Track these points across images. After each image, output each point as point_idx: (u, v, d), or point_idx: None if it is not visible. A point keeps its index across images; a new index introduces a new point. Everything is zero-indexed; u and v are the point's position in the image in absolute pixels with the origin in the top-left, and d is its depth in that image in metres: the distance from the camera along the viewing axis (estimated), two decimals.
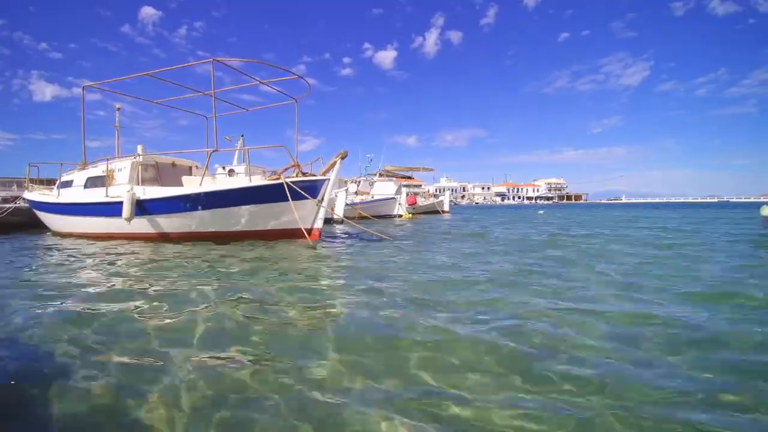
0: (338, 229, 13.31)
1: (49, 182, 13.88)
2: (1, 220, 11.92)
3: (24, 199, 12.47)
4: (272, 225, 8.42)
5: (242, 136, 13.52)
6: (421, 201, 29.74)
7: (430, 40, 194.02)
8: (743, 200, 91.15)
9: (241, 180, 8.59)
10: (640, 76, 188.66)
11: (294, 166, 8.32)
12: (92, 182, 9.76)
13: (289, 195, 7.76)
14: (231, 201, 8.16)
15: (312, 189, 8.02)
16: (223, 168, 15.87)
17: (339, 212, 15.69)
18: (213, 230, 8.48)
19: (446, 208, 29.57)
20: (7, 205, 12.67)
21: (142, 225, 8.73)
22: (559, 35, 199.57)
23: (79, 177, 10.23)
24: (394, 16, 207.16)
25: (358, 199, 22.77)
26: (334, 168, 8.21)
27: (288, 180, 7.86)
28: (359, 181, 26.95)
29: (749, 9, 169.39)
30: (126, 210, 8.34)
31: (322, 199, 8.18)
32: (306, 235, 7.97)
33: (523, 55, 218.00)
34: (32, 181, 12.76)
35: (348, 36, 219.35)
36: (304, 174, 8.32)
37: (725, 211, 27.12)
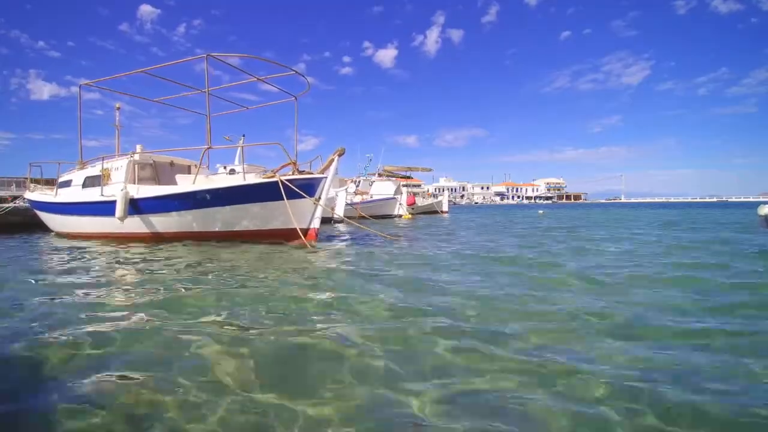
0: (338, 228, 13.29)
1: (52, 182, 13.90)
2: (0, 220, 11.87)
3: (24, 198, 12.43)
4: (267, 225, 8.26)
5: (243, 136, 13.45)
6: (420, 201, 29.75)
7: (431, 39, 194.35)
8: (743, 200, 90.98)
9: (234, 178, 8.45)
10: (641, 75, 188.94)
11: (290, 164, 8.14)
12: (90, 181, 9.72)
13: (284, 194, 7.59)
14: (224, 200, 8.02)
15: (309, 187, 7.86)
16: (224, 167, 15.86)
17: (339, 212, 15.66)
18: (206, 230, 8.36)
19: (445, 208, 29.64)
20: (6, 205, 12.63)
21: (135, 224, 8.65)
22: (560, 34, 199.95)
23: (77, 176, 10.21)
24: (395, 14, 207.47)
25: (358, 198, 22.72)
26: (332, 166, 8.12)
27: (284, 178, 7.70)
28: (359, 181, 26.94)
29: (751, 7, 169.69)
30: (119, 209, 8.26)
31: (320, 197, 8.07)
32: (302, 235, 7.80)
33: (523, 53, 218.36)
34: (34, 180, 12.71)
35: (348, 34, 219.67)
36: (300, 172, 8.18)
37: (717, 213, 26.00)
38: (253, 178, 8.23)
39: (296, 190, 7.62)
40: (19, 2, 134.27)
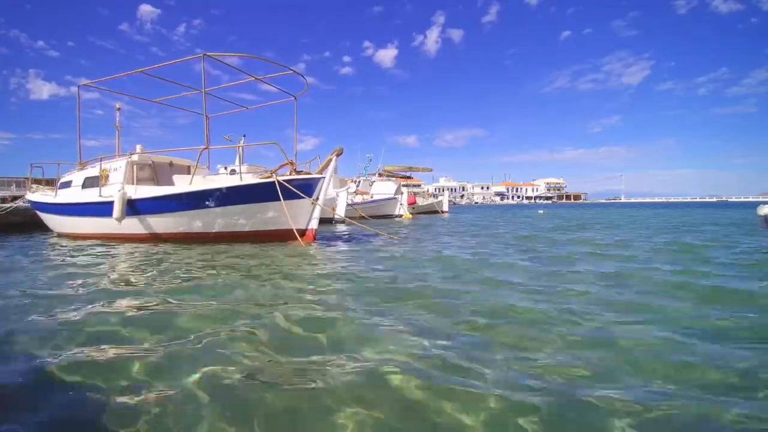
0: (339, 229, 13.26)
1: (52, 182, 13.91)
2: (1, 220, 11.86)
3: (25, 199, 12.42)
4: (264, 225, 8.21)
5: (243, 136, 13.43)
6: (420, 201, 29.79)
7: (431, 39, 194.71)
8: (743, 200, 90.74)
9: (232, 179, 8.41)
10: (641, 75, 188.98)
11: (288, 164, 8.12)
12: (90, 182, 9.71)
13: (281, 194, 7.56)
14: (220, 200, 7.97)
15: (307, 188, 7.83)
16: (225, 168, 15.81)
17: (340, 212, 15.64)
18: (204, 231, 8.33)
19: (445, 208, 29.70)
20: (6, 205, 12.61)
21: (133, 225, 8.62)
22: (560, 34, 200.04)
23: (77, 177, 10.20)
24: (395, 14, 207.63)
25: (358, 198, 22.73)
26: (330, 166, 8.10)
27: (281, 178, 7.67)
28: (359, 181, 26.98)
29: (751, 7, 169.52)
30: (116, 210, 8.24)
31: (318, 198, 8.03)
32: (298, 236, 7.75)
33: (523, 53, 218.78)
34: (36, 181, 12.67)
35: (348, 34, 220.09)
36: (298, 172, 8.16)
37: (713, 215, 25.65)
38: (250, 179, 8.20)
39: (294, 190, 7.60)
40: (19, 2, 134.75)
